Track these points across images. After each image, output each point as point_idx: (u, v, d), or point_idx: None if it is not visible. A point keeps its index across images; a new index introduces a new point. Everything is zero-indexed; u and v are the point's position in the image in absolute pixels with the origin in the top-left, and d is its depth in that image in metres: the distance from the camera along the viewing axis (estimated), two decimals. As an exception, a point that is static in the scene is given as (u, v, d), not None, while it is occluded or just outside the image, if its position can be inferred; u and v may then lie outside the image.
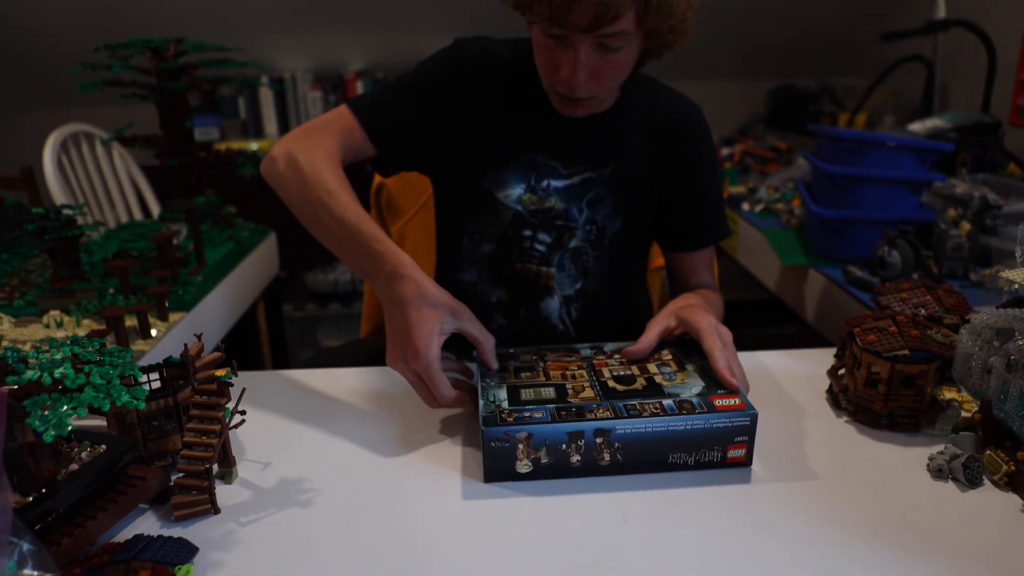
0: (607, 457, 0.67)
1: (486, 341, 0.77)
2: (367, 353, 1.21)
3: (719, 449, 0.68)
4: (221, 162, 1.39)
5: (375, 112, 0.91)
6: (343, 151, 0.89)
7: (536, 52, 0.88)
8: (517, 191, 0.95)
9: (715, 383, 0.74)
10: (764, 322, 2.07)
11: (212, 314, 1.21)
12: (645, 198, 1.00)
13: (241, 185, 1.90)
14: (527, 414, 0.68)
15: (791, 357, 0.96)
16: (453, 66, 0.94)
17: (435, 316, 0.72)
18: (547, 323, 1.00)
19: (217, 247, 1.41)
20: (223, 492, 0.67)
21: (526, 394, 0.73)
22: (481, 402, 0.71)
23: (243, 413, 0.67)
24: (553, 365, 0.80)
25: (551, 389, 0.73)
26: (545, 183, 0.95)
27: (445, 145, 0.96)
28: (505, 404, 0.70)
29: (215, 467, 0.69)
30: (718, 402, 0.69)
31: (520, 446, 0.66)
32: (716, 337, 0.77)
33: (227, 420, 0.66)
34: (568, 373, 0.77)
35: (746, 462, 0.69)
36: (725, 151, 2.30)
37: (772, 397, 0.84)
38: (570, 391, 0.73)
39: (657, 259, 1.25)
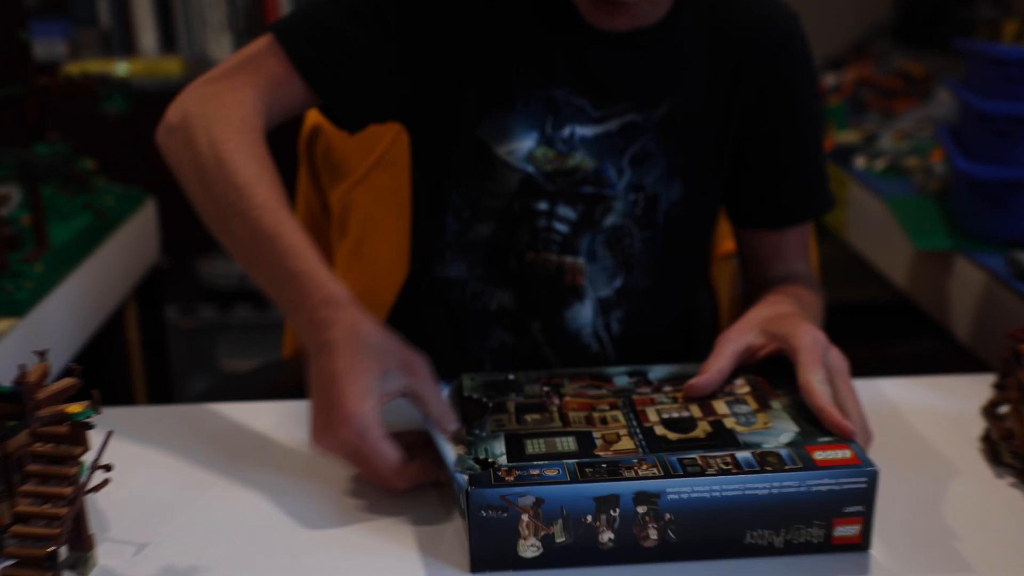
0: (654, 535, 0.67)
1: (438, 409, 0.77)
2: (292, 381, 1.21)
3: (821, 525, 0.68)
4: (72, 92, 1.39)
5: (315, 44, 0.91)
6: (270, 109, 0.89)
7: None
8: (527, 143, 0.95)
9: (815, 426, 0.74)
10: (888, 335, 2.07)
11: (59, 321, 1.21)
12: (715, 152, 0.99)
13: (104, 128, 1.89)
14: (535, 471, 0.68)
15: (928, 387, 0.95)
16: None
17: (373, 367, 0.74)
18: (575, 342, 1.00)
19: (67, 220, 1.40)
20: (75, 588, 0.67)
21: (534, 446, 0.73)
22: (449, 456, 0.71)
23: (107, 469, 0.67)
24: (573, 403, 0.80)
25: (570, 439, 0.74)
26: (567, 131, 0.95)
27: (422, 82, 0.96)
28: (503, 460, 0.70)
29: (63, 551, 0.68)
30: (819, 454, 0.69)
31: (525, 517, 0.65)
32: (818, 364, 0.77)
33: (83, 479, 0.65)
34: (596, 416, 0.77)
35: (861, 544, 0.69)
36: (830, 80, 2.29)
37: (901, 447, 0.84)
38: (599, 442, 0.73)
39: (725, 241, 1.25)
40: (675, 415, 0.77)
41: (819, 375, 0.76)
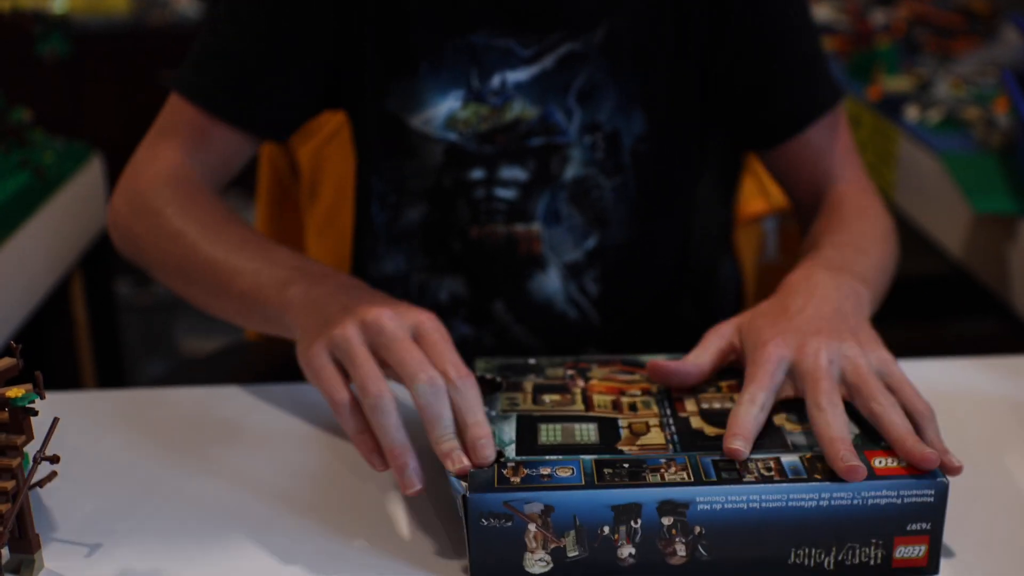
0: (681, 552, 0.66)
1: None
2: (259, 364, 1.22)
3: (880, 544, 0.66)
4: (2, 31, 1.38)
5: (212, 76, 0.94)
6: (200, 166, 0.94)
7: None
8: (445, 107, 0.95)
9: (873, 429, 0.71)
10: (942, 312, 2.05)
11: (-6, 296, 1.18)
12: (678, 72, 0.97)
13: (41, 73, 1.87)
14: (545, 471, 0.66)
15: (988, 370, 0.93)
16: None
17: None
18: (548, 312, 0.99)
19: (0, 180, 1.39)
20: (15, 599, 0.64)
21: (549, 433, 0.72)
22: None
23: (54, 461, 0.66)
24: (600, 386, 0.79)
25: (591, 427, 0.73)
26: (496, 80, 0.94)
27: (328, 67, 0.97)
28: (511, 450, 0.69)
29: (5, 552, 0.69)
30: (879, 461, 0.67)
31: (532, 528, 0.64)
32: (763, 386, 0.70)
33: (26, 473, 0.65)
34: (625, 401, 0.76)
35: (927, 568, 0.67)
36: (878, 17, 2.26)
37: (969, 443, 0.79)
38: (624, 432, 0.72)
39: (750, 203, 1.26)
40: (717, 406, 0.75)
41: (761, 398, 0.70)
